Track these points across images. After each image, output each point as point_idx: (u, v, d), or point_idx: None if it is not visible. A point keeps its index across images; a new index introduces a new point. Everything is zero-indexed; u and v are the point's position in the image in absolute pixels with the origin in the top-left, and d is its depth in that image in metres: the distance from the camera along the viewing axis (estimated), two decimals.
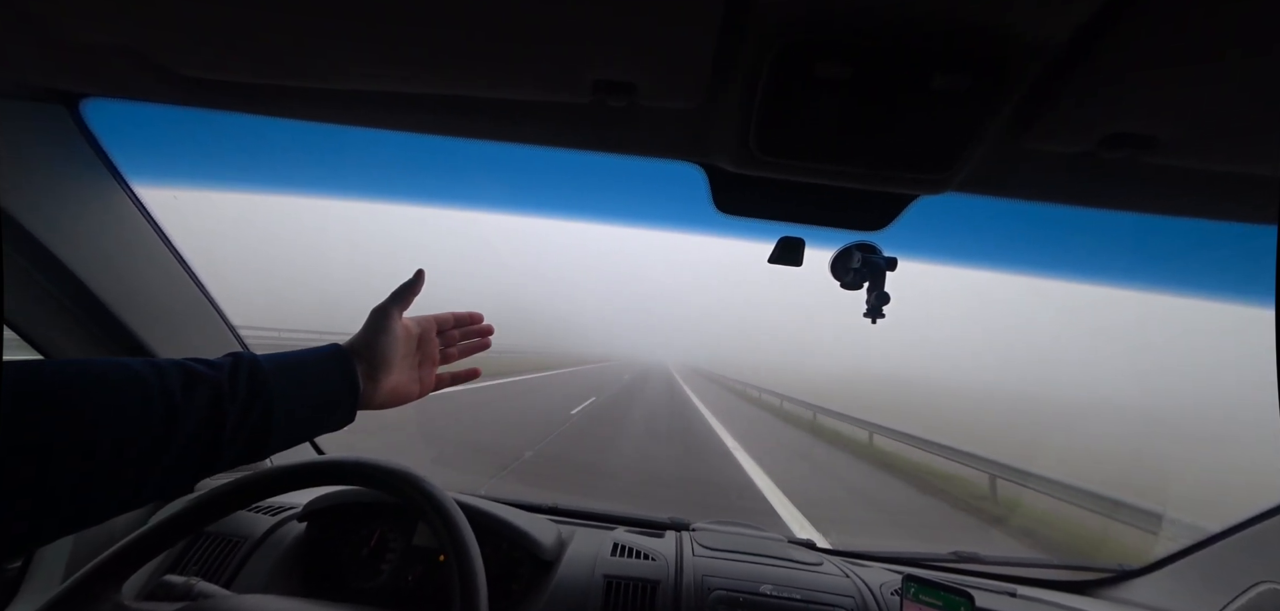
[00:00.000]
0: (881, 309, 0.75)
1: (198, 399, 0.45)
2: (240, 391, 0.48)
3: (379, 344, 0.61)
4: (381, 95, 0.59)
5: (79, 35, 0.51)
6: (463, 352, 0.73)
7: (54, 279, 0.75)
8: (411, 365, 0.66)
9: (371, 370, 0.60)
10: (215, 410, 0.46)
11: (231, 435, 0.46)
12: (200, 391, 0.45)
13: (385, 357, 0.61)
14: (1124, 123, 0.49)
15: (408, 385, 0.65)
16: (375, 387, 0.60)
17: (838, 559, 1.13)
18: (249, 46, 0.51)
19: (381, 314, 0.62)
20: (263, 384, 0.49)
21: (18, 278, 0.73)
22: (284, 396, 0.51)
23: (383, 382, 0.61)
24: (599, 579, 0.95)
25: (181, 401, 0.43)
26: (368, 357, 0.60)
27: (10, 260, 0.71)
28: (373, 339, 0.61)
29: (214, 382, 0.46)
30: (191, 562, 0.94)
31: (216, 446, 0.46)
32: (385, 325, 0.62)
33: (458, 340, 0.72)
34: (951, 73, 0.45)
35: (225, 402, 0.46)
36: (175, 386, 0.44)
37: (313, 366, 0.56)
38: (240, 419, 0.47)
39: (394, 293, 0.64)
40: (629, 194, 0.84)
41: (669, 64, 0.49)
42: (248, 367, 0.50)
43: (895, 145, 0.55)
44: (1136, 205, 0.68)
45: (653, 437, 7.97)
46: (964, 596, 0.80)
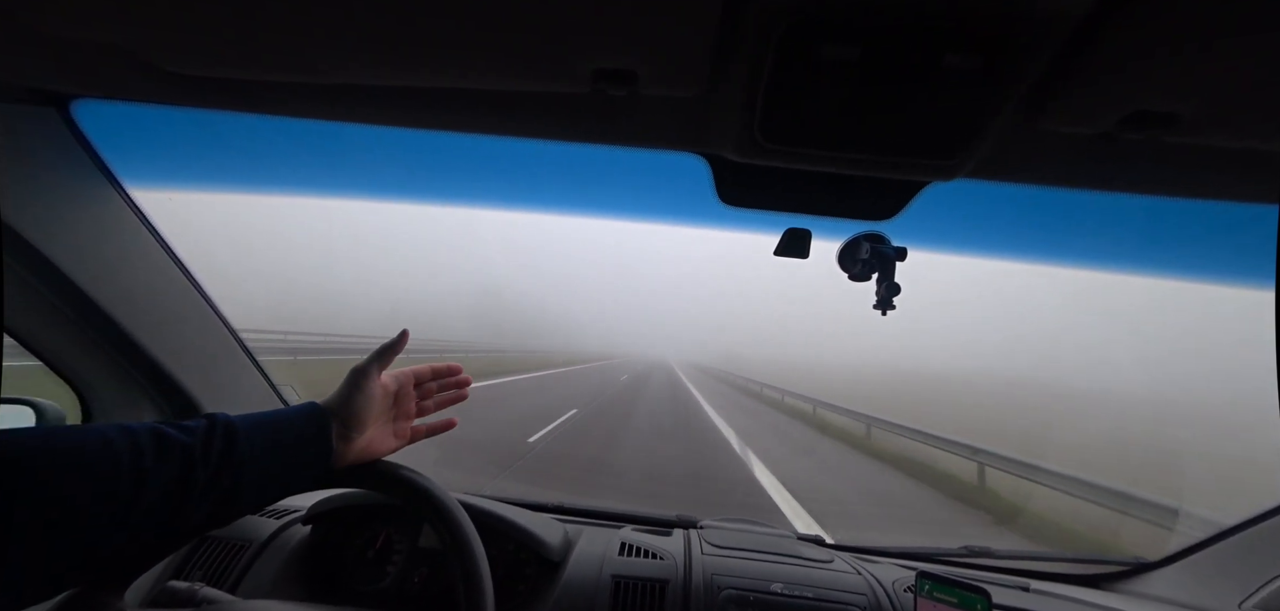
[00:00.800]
0: (892, 300, 0.74)
1: (168, 462, 0.46)
2: (212, 457, 0.49)
3: (355, 403, 0.63)
4: (376, 90, 0.58)
5: (67, 34, 0.50)
6: (439, 405, 0.75)
7: (48, 283, 0.74)
8: (387, 421, 0.67)
9: (346, 429, 0.62)
10: (185, 472, 0.47)
11: (200, 497, 0.48)
12: (171, 454, 0.46)
13: (360, 417, 0.63)
14: (1145, 101, 0.47)
15: (382, 440, 0.67)
16: (348, 446, 0.62)
17: (847, 555, 1.11)
18: (240, 42, 0.49)
19: (361, 374, 0.64)
20: (235, 448, 0.51)
21: (11, 282, 0.73)
22: (255, 460, 0.53)
23: (356, 441, 0.63)
24: (607, 579, 0.94)
25: (151, 465, 0.45)
26: (344, 416, 0.62)
27: (6, 265, 0.70)
28: (350, 398, 0.63)
29: (186, 447, 0.47)
30: (196, 567, 0.94)
31: (182, 508, 0.47)
32: (363, 385, 0.63)
33: (434, 393, 0.74)
34: (963, 52, 0.43)
35: (196, 468, 0.48)
36: (147, 448, 0.45)
37: (289, 428, 0.57)
38: (211, 481, 0.48)
39: (375, 352, 0.66)
40: (631, 187, 0.82)
41: (670, 51, 0.47)
42: (223, 430, 0.51)
43: (904, 130, 0.53)
44: (1155, 188, 0.65)
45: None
46: (980, 593, 0.78)
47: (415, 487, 0.68)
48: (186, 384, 0.96)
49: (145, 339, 0.87)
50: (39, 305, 0.77)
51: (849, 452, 7.88)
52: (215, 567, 0.94)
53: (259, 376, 1.12)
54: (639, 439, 7.51)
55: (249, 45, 0.50)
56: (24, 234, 0.67)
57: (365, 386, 0.63)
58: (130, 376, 0.91)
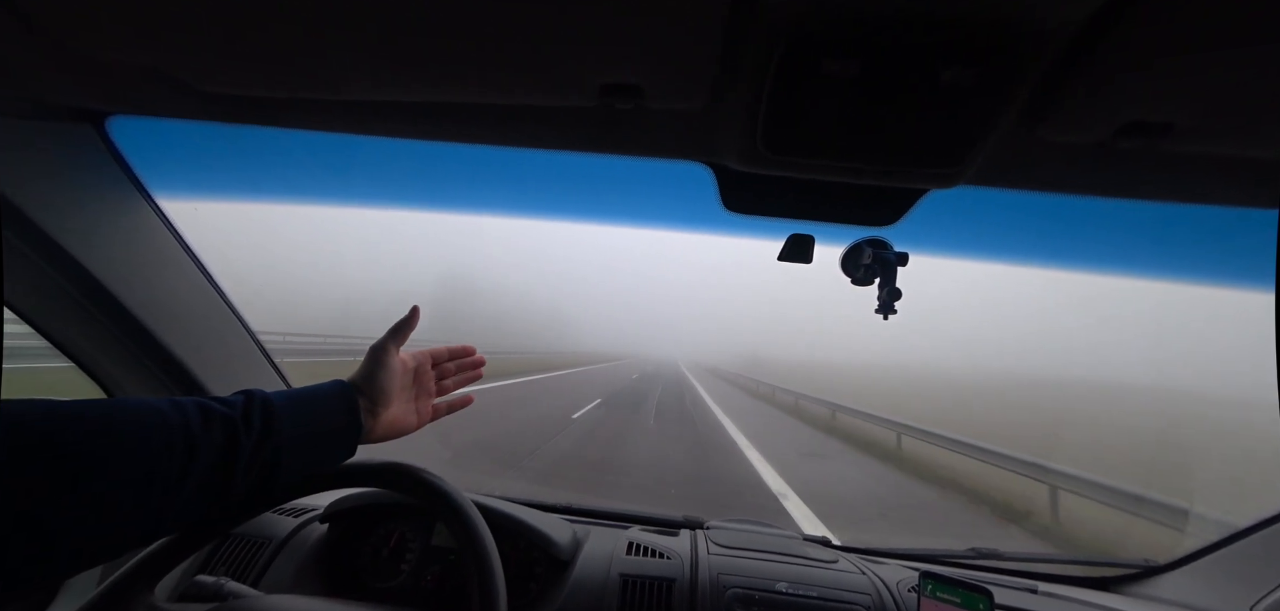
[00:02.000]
0: (893, 304, 0.75)
1: (215, 433, 0.48)
2: (254, 426, 0.51)
3: (378, 379, 0.64)
4: (394, 105, 0.60)
5: (104, 56, 0.53)
6: (457, 384, 0.76)
7: (81, 288, 0.78)
8: (409, 398, 0.69)
9: (371, 405, 0.64)
10: (231, 444, 0.49)
11: (245, 468, 0.49)
12: (216, 427, 0.48)
13: (384, 392, 0.65)
14: (1140, 111, 0.48)
15: (405, 417, 0.68)
16: (375, 421, 0.64)
17: (853, 556, 1.12)
18: (265, 61, 0.52)
19: (380, 350, 0.66)
20: (274, 420, 0.53)
21: (50, 290, 0.76)
22: (293, 432, 0.54)
23: (382, 416, 0.65)
24: (615, 577, 0.95)
25: (200, 436, 0.47)
26: (368, 393, 0.64)
27: (43, 272, 0.74)
28: (372, 374, 0.64)
29: (229, 419, 0.49)
30: (220, 563, 0.97)
31: (230, 479, 0.48)
32: (383, 361, 0.65)
33: (452, 372, 0.76)
34: (960, 66, 0.45)
35: (240, 436, 0.49)
36: (195, 422, 0.47)
37: (319, 402, 0.59)
38: (254, 453, 0.50)
39: (391, 329, 0.68)
40: (637, 195, 0.84)
41: (675, 65, 0.49)
42: (260, 405, 0.53)
43: (904, 140, 0.54)
44: (1152, 194, 0.66)
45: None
46: (983, 593, 0.79)
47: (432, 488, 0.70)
48: (209, 385, 0.99)
49: (171, 341, 0.90)
50: (73, 308, 0.81)
51: (878, 468, 6.69)
52: (239, 564, 0.97)
53: (278, 379, 1.15)
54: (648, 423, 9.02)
55: (272, 64, 0.52)
56: (60, 241, 0.71)
57: (386, 361, 0.65)
58: (157, 377, 0.95)
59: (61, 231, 0.71)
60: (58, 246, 0.71)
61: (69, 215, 0.71)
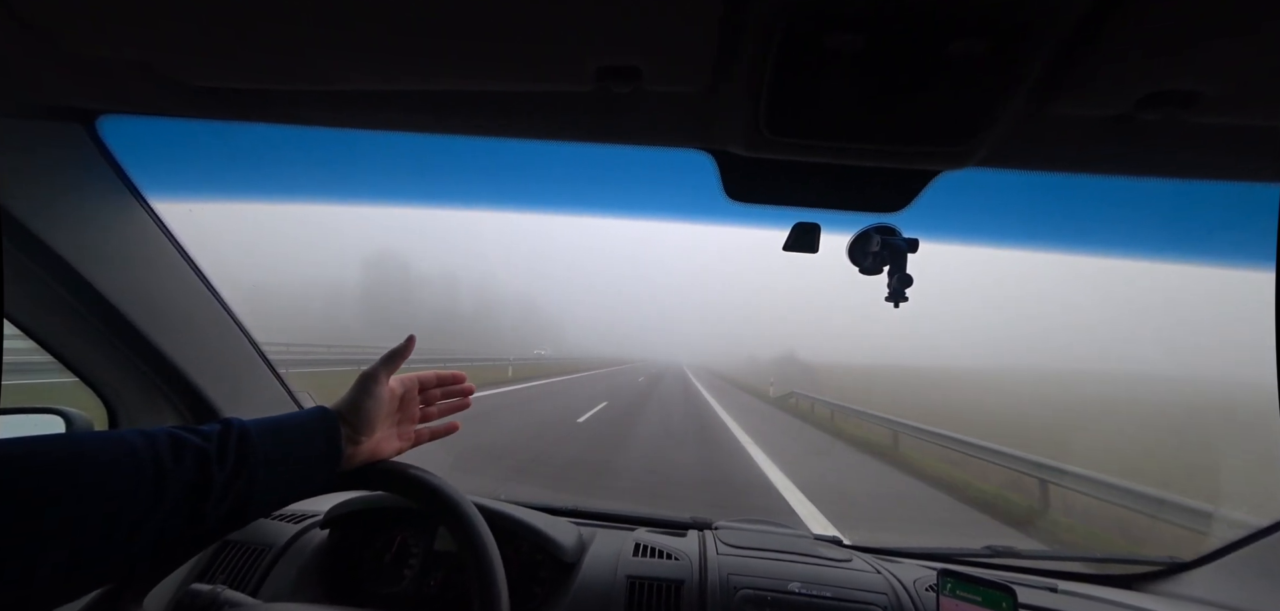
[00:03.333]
0: (903, 292, 0.73)
1: (186, 466, 0.47)
2: (228, 458, 0.50)
3: (365, 407, 0.64)
4: (384, 95, 0.59)
5: (89, 51, 0.52)
6: (443, 411, 0.76)
7: (76, 294, 0.77)
8: (392, 424, 0.70)
9: (354, 432, 0.64)
10: (202, 476, 0.48)
11: (217, 499, 0.49)
12: (188, 458, 0.48)
13: (369, 420, 0.65)
14: (1164, 79, 0.46)
15: (387, 442, 0.69)
16: (356, 449, 0.64)
17: (866, 555, 1.09)
18: (253, 52, 0.51)
19: (370, 378, 0.66)
20: (250, 450, 0.52)
21: (40, 292, 0.75)
22: (269, 462, 0.54)
23: (364, 443, 0.65)
24: (622, 579, 0.93)
25: (170, 468, 0.46)
26: (353, 421, 0.64)
27: (33, 274, 0.73)
28: (359, 403, 0.65)
29: (202, 451, 0.49)
30: (219, 571, 0.95)
31: (200, 511, 0.48)
32: (372, 390, 0.65)
33: (438, 399, 0.76)
34: (970, 38, 0.43)
35: (212, 468, 0.49)
36: (165, 454, 0.46)
37: (299, 429, 0.59)
38: (226, 485, 0.50)
39: (384, 357, 0.68)
40: (636, 186, 0.82)
41: (674, 45, 0.47)
42: (237, 435, 0.52)
43: (912, 119, 0.52)
44: (1173, 170, 0.63)
45: None
46: (1006, 591, 0.76)
47: (431, 490, 0.68)
48: (207, 390, 0.98)
49: (168, 347, 0.89)
50: (66, 313, 0.80)
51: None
52: (237, 572, 0.95)
53: (275, 381, 1.14)
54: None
55: (260, 55, 0.51)
56: (50, 244, 0.70)
57: (374, 390, 0.65)
58: (154, 384, 0.94)
59: (52, 234, 0.70)
60: (48, 249, 0.70)
61: (60, 217, 0.70)
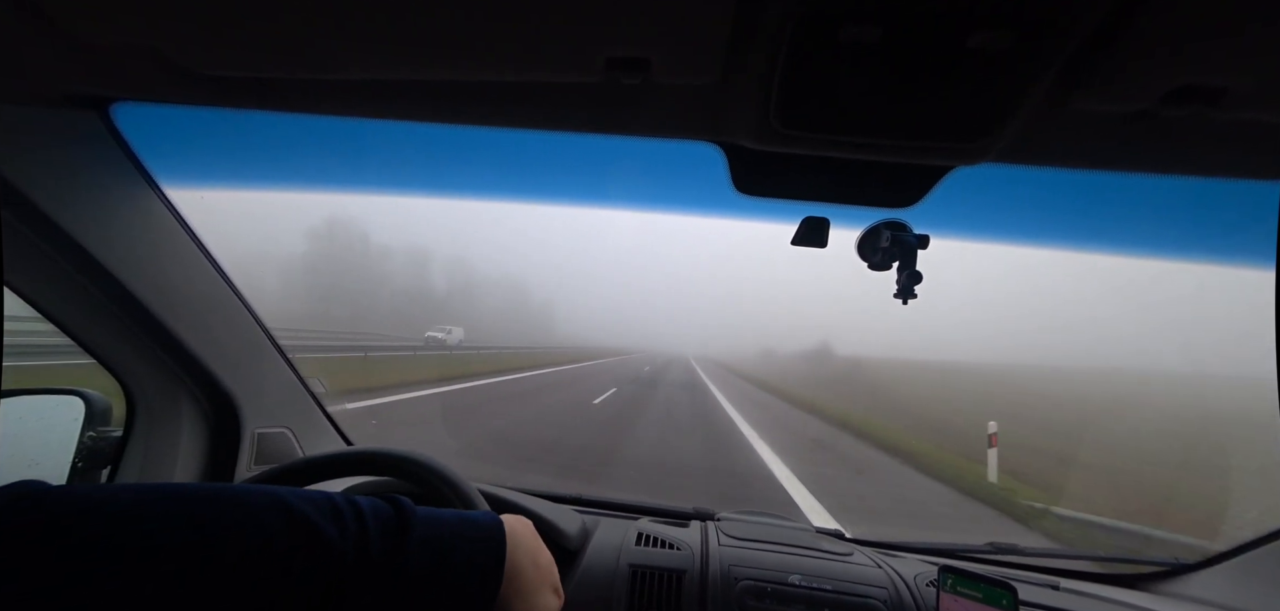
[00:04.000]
0: (913, 288, 0.72)
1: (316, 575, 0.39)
2: (371, 554, 0.42)
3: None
4: (395, 84, 0.59)
5: (103, 39, 0.53)
6: None
7: (92, 277, 0.78)
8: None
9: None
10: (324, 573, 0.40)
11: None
12: (314, 555, 0.40)
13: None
14: (1191, 74, 0.45)
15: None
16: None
17: (868, 549, 1.10)
18: (263, 42, 0.51)
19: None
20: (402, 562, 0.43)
21: (58, 276, 0.77)
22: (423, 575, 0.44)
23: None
24: (624, 567, 0.94)
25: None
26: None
27: (51, 259, 0.74)
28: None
29: (328, 546, 0.40)
30: None
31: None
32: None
33: None
34: (992, 30, 0.42)
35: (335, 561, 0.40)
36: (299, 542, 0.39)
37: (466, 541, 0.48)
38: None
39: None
40: (645, 178, 0.82)
41: (685, 36, 0.47)
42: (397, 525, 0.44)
43: (928, 114, 0.51)
44: (1200, 168, 0.62)
45: None
46: (1006, 588, 0.76)
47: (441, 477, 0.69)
48: (221, 376, 1.00)
49: (182, 332, 0.91)
50: (83, 299, 0.81)
51: None
52: None
53: (288, 369, 1.16)
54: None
55: (270, 44, 0.51)
56: (68, 230, 0.71)
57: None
58: (168, 367, 0.96)
59: (69, 220, 0.71)
60: (65, 234, 0.71)
61: (76, 203, 0.72)
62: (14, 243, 0.70)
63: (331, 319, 32.12)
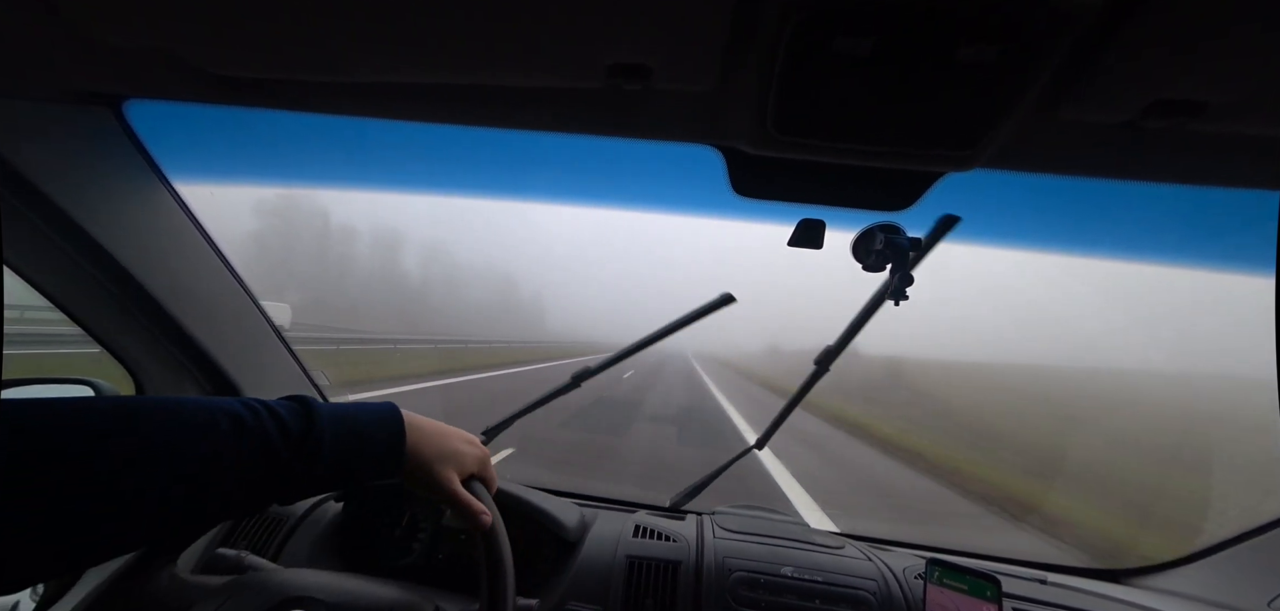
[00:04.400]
0: (904, 291, 0.74)
1: (255, 470, 0.48)
2: (305, 447, 0.51)
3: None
4: (400, 86, 0.60)
5: (117, 39, 0.54)
6: None
7: (104, 271, 0.80)
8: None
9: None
10: (274, 456, 0.49)
11: (280, 483, 0.50)
12: (260, 465, 0.49)
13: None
14: (1170, 89, 0.46)
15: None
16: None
17: (860, 543, 1.12)
18: (272, 43, 0.52)
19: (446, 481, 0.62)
20: (321, 438, 0.53)
21: (72, 270, 0.78)
22: (335, 458, 0.54)
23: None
24: (622, 559, 0.97)
25: (244, 470, 0.47)
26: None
27: (65, 253, 0.76)
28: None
29: (275, 457, 0.49)
30: (241, 537, 1.00)
31: (266, 489, 0.50)
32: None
33: None
34: (978, 45, 0.43)
35: (278, 474, 0.50)
36: (253, 428, 0.48)
37: (366, 426, 0.58)
38: (289, 465, 0.50)
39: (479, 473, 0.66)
40: (645, 178, 0.84)
41: (684, 45, 0.48)
42: (315, 424, 0.53)
43: (919, 123, 0.53)
44: (1182, 177, 0.64)
45: None
46: (990, 580, 0.79)
47: None
48: (228, 368, 1.01)
49: (189, 323, 0.92)
50: (96, 291, 0.83)
51: None
52: (257, 539, 1.00)
53: (294, 362, 1.18)
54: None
55: (280, 47, 0.53)
56: (82, 224, 0.73)
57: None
58: (177, 359, 0.98)
59: (83, 214, 0.72)
60: (80, 229, 0.73)
61: (90, 198, 0.73)
62: (29, 235, 0.72)
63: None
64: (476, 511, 0.62)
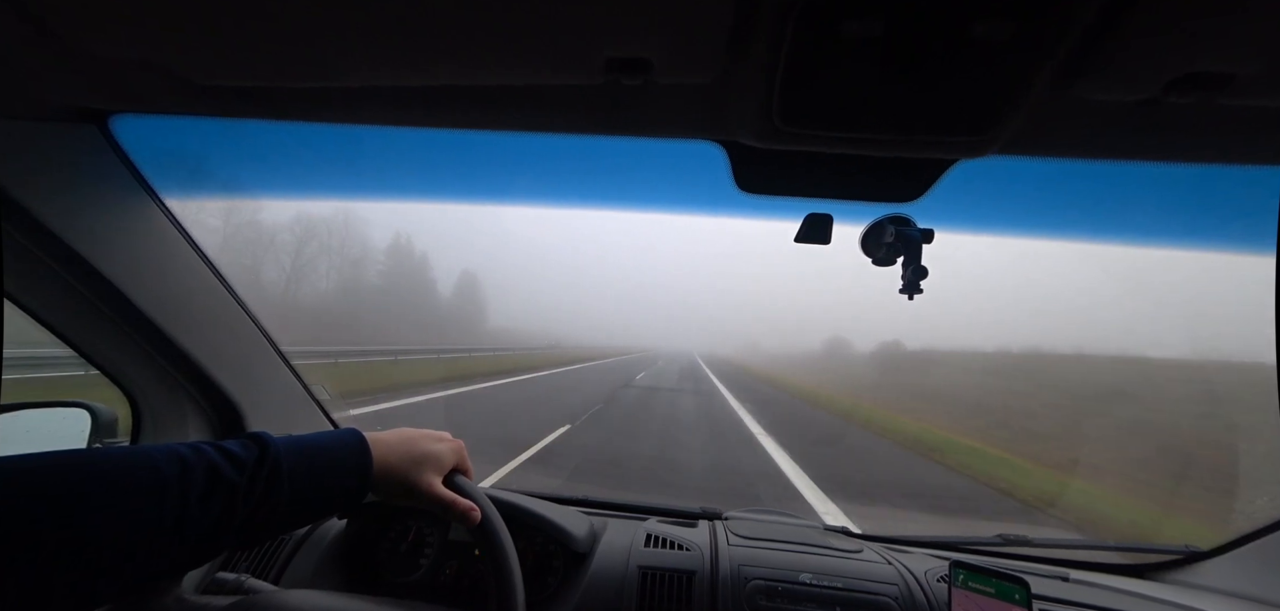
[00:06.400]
0: (918, 283, 0.71)
1: (214, 501, 0.47)
2: (255, 495, 0.49)
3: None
4: (394, 90, 0.59)
5: (99, 51, 0.53)
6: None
7: (95, 290, 0.78)
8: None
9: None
10: (227, 509, 0.47)
11: (234, 534, 0.49)
12: (218, 494, 0.47)
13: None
14: (1197, 61, 0.44)
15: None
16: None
17: (877, 545, 1.09)
18: (259, 50, 0.51)
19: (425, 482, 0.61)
20: (277, 487, 0.51)
21: (61, 290, 0.77)
22: (294, 495, 0.52)
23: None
24: (634, 570, 0.94)
25: (195, 501, 0.45)
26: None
27: (54, 273, 0.74)
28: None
29: (232, 486, 0.48)
30: (242, 560, 0.98)
31: (216, 542, 0.48)
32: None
33: None
34: (994, 19, 0.41)
35: (238, 506, 0.48)
36: (194, 486, 0.46)
37: (330, 457, 0.57)
38: (246, 519, 0.49)
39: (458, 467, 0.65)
40: (647, 178, 0.81)
41: (685, 35, 0.46)
42: (269, 470, 0.51)
43: (930, 107, 0.51)
44: (1205, 156, 0.61)
45: None
46: (1018, 582, 0.76)
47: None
48: (226, 385, 1.00)
49: (185, 341, 0.90)
50: (87, 311, 0.81)
51: None
52: (259, 560, 0.98)
53: (292, 376, 1.16)
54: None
55: (269, 54, 0.51)
56: (71, 243, 0.71)
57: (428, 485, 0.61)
58: (174, 378, 0.96)
59: (71, 233, 0.71)
60: (68, 248, 0.71)
61: (77, 216, 0.71)
62: (15, 256, 0.70)
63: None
64: (464, 508, 0.61)
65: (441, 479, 0.62)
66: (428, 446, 0.62)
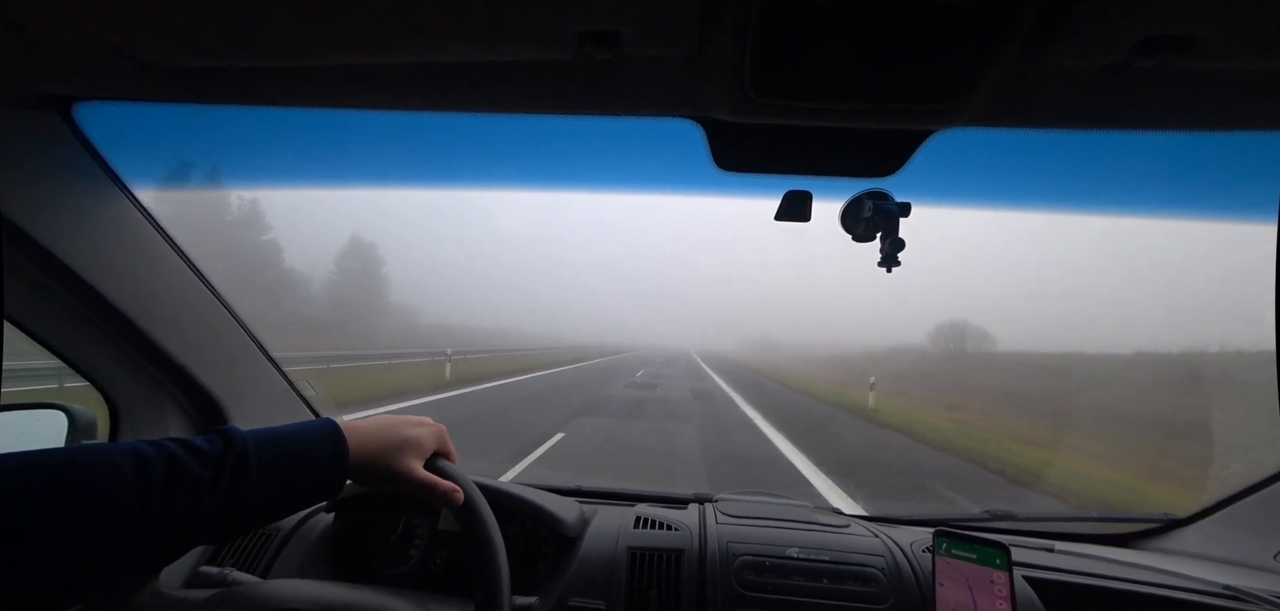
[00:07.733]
0: (896, 257, 0.72)
1: (179, 496, 0.45)
2: (221, 488, 0.48)
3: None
4: (368, 69, 0.58)
5: (64, 36, 0.51)
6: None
7: (64, 286, 0.76)
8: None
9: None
10: (193, 505, 0.46)
11: (202, 529, 0.48)
12: (183, 488, 0.46)
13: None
14: (1158, 23, 0.45)
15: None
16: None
17: (866, 522, 1.11)
18: (221, 30, 0.50)
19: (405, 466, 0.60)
20: (245, 479, 0.50)
21: (29, 287, 0.75)
22: (263, 489, 0.51)
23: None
24: (623, 551, 0.95)
25: (159, 497, 0.44)
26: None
27: (20, 269, 0.72)
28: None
29: (198, 480, 0.47)
30: (229, 554, 0.97)
31: (184, 538, 0.47)
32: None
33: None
34: None
35: (205, 500, 0.47)
36: (157, 482, 0.45)
37: (303, 448, 0.56)
38: (214, 513, 0.48)
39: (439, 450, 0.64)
40: (624, 158, 0.81)
41: (655, 5, 0.46)
42: (236, 461, 0.50)
43: (900, 74, 0.51)
44: (1172, 121, 0.62)
45: None
46: (999, 547, 0.77)
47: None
48: (206, 382, 0.98)
49: (162, 338, 0.89)
50: (59, 309, 0.79)
51: None
52: (247, 554, 0.97)
53: (275, 371, 1.14)
54: None
55: (236, 33, 0.50)
56: (36, 237, 0.69)
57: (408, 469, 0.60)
58: (152, 377, 0.94)
59: (36, 226, 0.69)
60: (33, 242, 0.69)
61: (42, 209, 0.70)
62: None
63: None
64: (446, 490, 0.60)
65: (423, 463, 0.61)
66: (407, 431, 0.61)
